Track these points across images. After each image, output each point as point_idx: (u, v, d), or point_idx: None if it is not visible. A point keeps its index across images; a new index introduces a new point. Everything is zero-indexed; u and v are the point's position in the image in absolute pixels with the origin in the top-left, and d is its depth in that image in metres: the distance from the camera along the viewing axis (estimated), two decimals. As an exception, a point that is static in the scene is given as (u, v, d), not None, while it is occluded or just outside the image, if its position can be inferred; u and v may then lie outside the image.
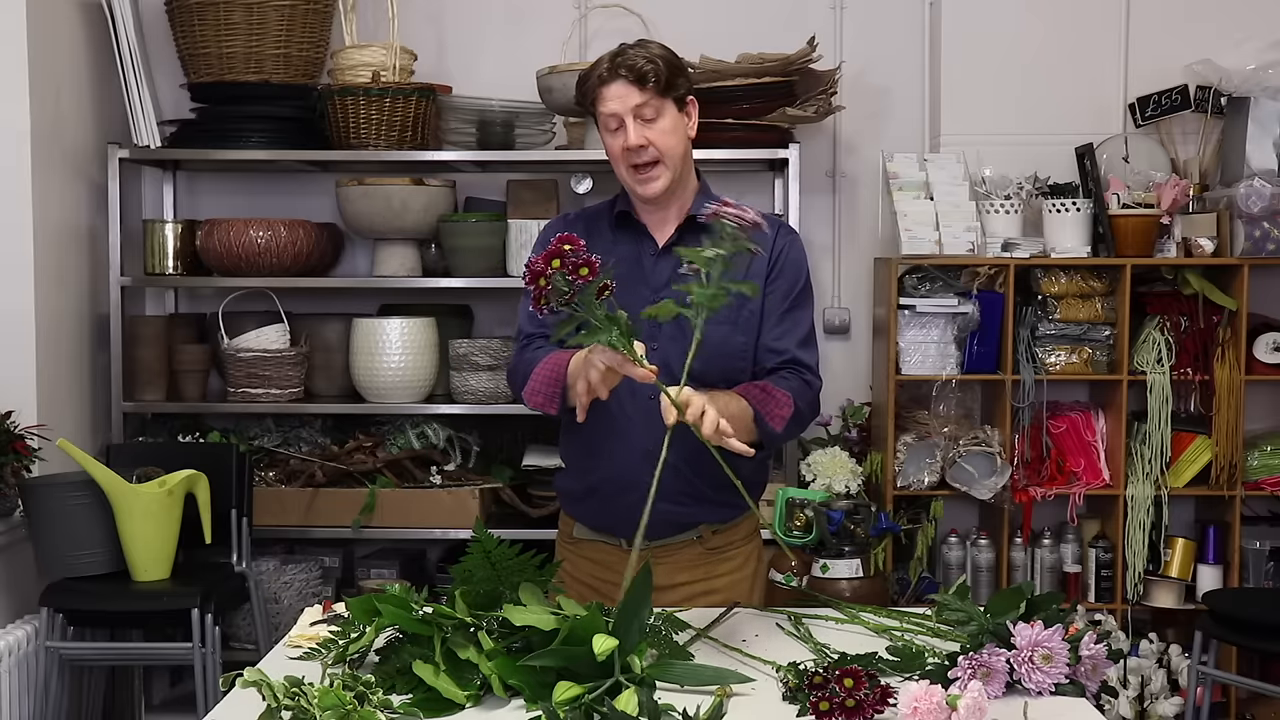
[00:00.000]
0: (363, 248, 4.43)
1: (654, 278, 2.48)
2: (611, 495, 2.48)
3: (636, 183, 2.44)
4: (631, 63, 2.39)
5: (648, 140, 2.40)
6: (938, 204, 4.06)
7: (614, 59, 2.41)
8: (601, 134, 2.48)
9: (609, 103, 2.40)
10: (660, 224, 2.51)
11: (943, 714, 1.76)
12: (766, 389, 2.40)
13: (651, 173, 2.42)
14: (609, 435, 2.45)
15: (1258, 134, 4.01)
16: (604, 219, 2.57)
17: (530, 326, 2.52)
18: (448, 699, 1.90)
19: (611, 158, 2.46)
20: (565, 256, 2.00)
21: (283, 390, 4.10)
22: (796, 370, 2.47)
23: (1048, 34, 4.24)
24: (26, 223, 3.74)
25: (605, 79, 2.40)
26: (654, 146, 2.41)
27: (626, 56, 2.40)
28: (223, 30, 4.03)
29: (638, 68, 2.38)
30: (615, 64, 2.40)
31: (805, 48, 4.03)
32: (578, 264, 2.01)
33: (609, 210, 2.57)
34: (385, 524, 4.07)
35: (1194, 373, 4.02)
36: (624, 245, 2.51)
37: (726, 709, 1.86)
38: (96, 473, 3.52)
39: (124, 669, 4.10)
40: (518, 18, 4.42)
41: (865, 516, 2.58)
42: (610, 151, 2.45)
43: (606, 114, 2.42)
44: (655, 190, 2.44)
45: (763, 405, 2.37)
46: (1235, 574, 4.05)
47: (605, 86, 2.40)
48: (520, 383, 2.44)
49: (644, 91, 2.39)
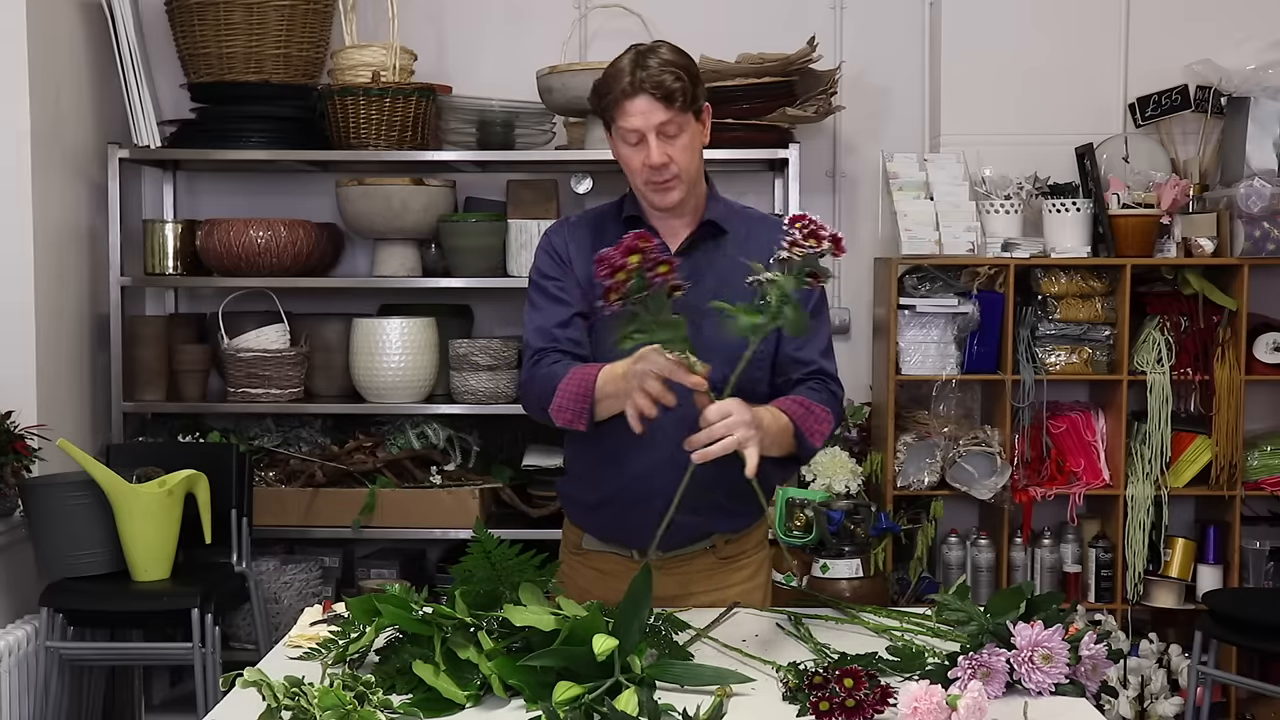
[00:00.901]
0: (363, 248, 4.43)
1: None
2: (629, 505, 2.42)
3: (653, 193, 2.38)
4: (658, 79, 2.29)
5: (669, 158, 2.33)
6: (938, 204, 4.07)
7: (636, 70, 2.31)
8: (617, 143, 2.39)
9: (631, 118, 2.32)
10: (672, 229, 2.44)
11: (943, 714, 1.75)
12: (807, 405, 2.33)
13: (669, 184, 2.36)
14: (631, 445, 2.33)
15: (1258, 134, 4.01)
16: (611, 221, 2.48)
17: (540, 341, 2.42)
18: (448, 699, 1.90)
19: (628, 169, 2.39)
20: (645, 252, 1.96)
21: (283, 390, 4.10)
22: (823, 381, 2.42)
23: (1048, 34, 4.24)
24: (26, 223, 3.74)
25: (630, 93, 2.31)
26: (674, 164, 2.34)
27: (650, 70, 2.30)
28: (223, 30, 4.03)
29: (665, 85, 2.29)
30: (640, 78, 2.30)
31: (805, 48, 4.03)
32: (656, 261, 1.97)
33: (616, 213, 2.49)
34: (385, 524, 4.07)
35: (1194, 373, 4.02)
36: None
37: (726, 709, 1.86)
38: (96, 473, 3.52)
39: (124, 669, 4.10)
40: (518, 18, 4.42)
41: (865, 516, 2.58)
42: (627, 163, 2.38)
43: (627, 129, 2.33)
44: (672, 201, 2.38)
45: (804, 421, 2.31)
46: (1235, 574, 4.06)
47: (630, 100, 2.31)
48: (539, 398, 2.35)
49: (669, 110, 2.30)
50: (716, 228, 2.44)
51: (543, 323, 2.44)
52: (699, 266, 2.38)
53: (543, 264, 2.49)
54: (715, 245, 2.44)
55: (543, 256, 2.49)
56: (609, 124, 2.40)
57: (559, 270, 2.46)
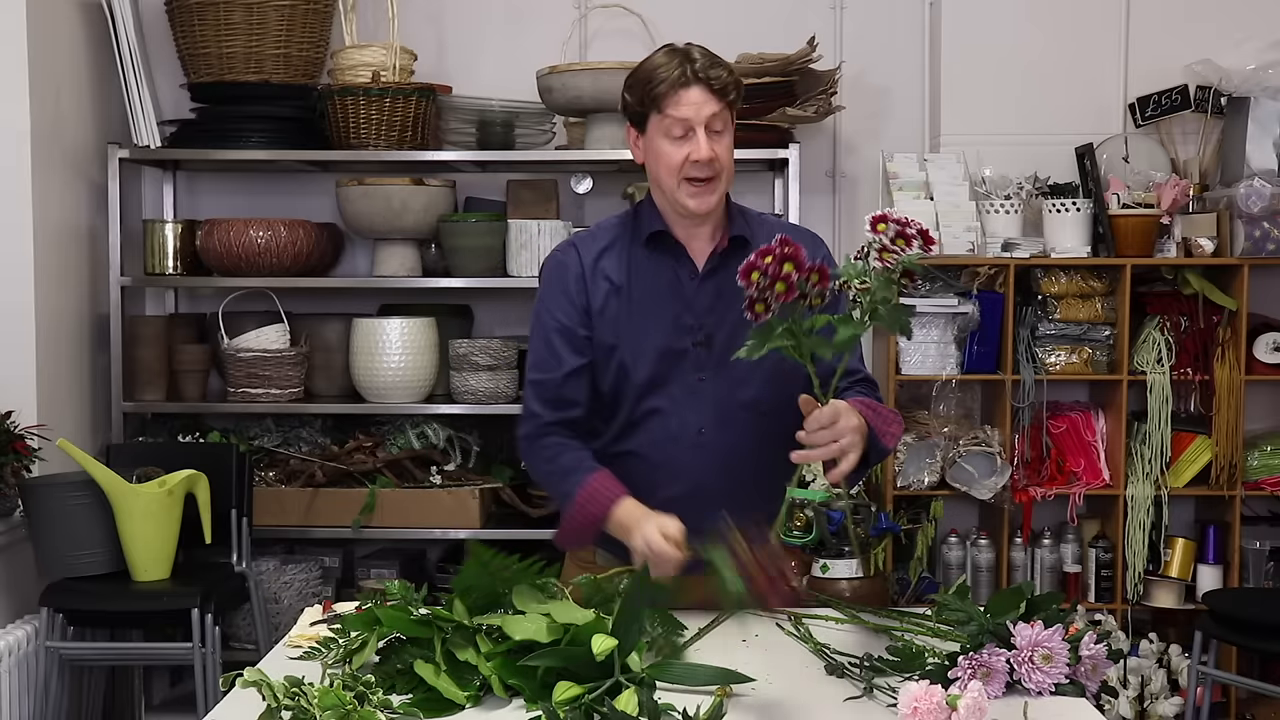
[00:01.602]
0: (363, 248, 4.43)
1: (696, 303, 2.33)
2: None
3: (690, 196, 2.27)
4: (714, 72, 2.23)
5: (715, 154, 2.25)
6: (938, 204, 4.07)
7: (686, 62, 2.24)
8: (656, 140, 2.28)
9: (684, 107, 2.23)
10: (696, 243, 2.35)
11: (943, 714, 1.75)
12: (875, 407, 2.24)
13: (708, 187, 2.27)
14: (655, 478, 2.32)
15: (1258, 134, 4.01)
16: (629, 235, 2.37)
17: (541, 406, 2.33)
18: (448, 699, 1.90)
19: (665, 167, 2.27)
20: (800, 262, 1.89)
21: (283, 390, 4.10)
22: (869, 387, 2.36)
23: (1048, 34, 4.24)
24: (26, 223, 3.74)
25: (685, 82, 2.22)
26: (718, 161, 2.26)
27: (702, 64, 2.24)
28: (223, 30, 4.03)
29: (721, 78, 2.24)
30: (694, 69, 2.23)
31: (805, 48, 4.03)
32: (811, 269, 1.91)
33: (633, 227, 2.38)
34: (385, 524, 4.07)
35: (1194, 373, 4.02)
36: (659, 267, 2.35)
37: (726, 709, 1.86)
38: (96, 473, 3.52)
39: (124, 669, 4.10)
40: (518, 18, 4.42)
41: (865, 516, 2.58)
42: (667, 159, 2.27)
43: (677, 118, 2.23)
44: (709, 205, 2.28)
45: (876, 423, 2.21)
46: (1235, 574, 4.05)
47: (684, 90, 2.23)
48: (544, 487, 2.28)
49: (721, 103, 2.24)
50: (743, 242, 2.33)
51: (548, 377, 2.34)
52: (729, 285, 2.21)
53: (556, 306, 2.35)
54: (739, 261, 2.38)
55: (558, 297, 2.35)
56: (645, 120, 2.29)
57: (574, 317, 2.34)
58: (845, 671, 2.03)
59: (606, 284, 2.34)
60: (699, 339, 2.32)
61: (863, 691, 1.96)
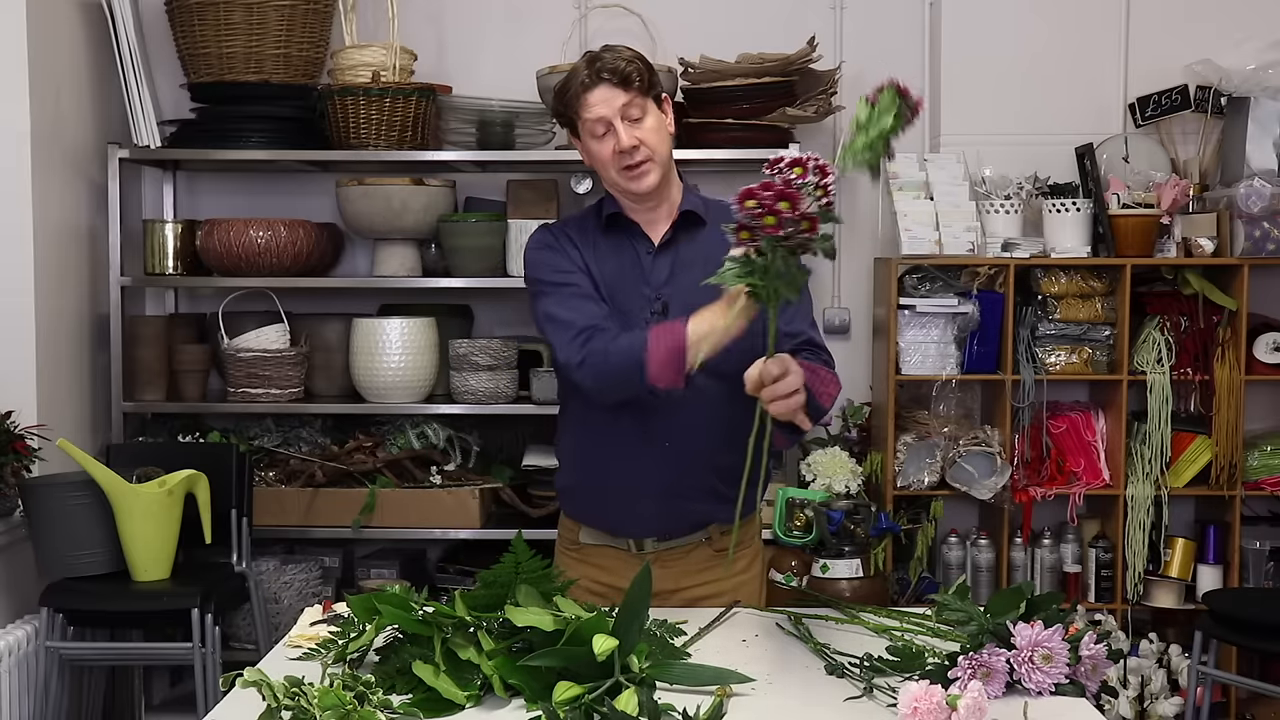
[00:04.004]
0: (363, 248, 4.43)
1: (654, 276, 2.47)
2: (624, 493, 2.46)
3: (628, 180, 2.42)
4: (612, 66, 2.38)
5: (638, 140, 2.40)
6: (938, 204, 4.07)
7: (590, 64, 2.40)
8: (586, 141, 2.45)
9: (595, 108, 2.39)
10: (652, 224, 2.51)
11: (943, 714, 1.76)
12: (812, 368, 2.30)
13: (642, 168, 2.41)
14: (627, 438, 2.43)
15: (1258, 134, 4.01)
16: (592, 222, 2.54)
17: (585, 319, 2.40)
18: (448, 699, 1.90)
19: (599, 164, 2.44)
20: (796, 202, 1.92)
21: (283, 390, 4.10)
22: (815, 351, 2.45)
23: (1048, 34, 4.24)
24: (26, 223, 3.74)
25: (588, 84, 2.39)
26: (644, 145, 2.40)
27: (604, 61, 2.40)
28: (223, 30, 4.03)
29: (620, 69, 2.38)
30: (595, 69, 2.39)
31: (805, 48, 4.03)
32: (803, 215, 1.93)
33: (596, 215, 2.54)
34: (385, 524, 4.07)
35: (1194, 373, 4.02)
36: (619, 246, 2.50)
37: (726, 709, 1.86)
38: (96, 473, 3.52)
39: (124, 669, 4.10)
40: (518, 18, 4.42)
41: (865, 516, 2.58)
42: (598, 158, 2.43)
43: (593, 119, 2.40)
44: (648, 185, 2.43)
45: (813, 383, 2.26)
46: (1235, 574, 4.06)
47: (589, 92, 2.39)
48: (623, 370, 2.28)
49: (628, 92, 2.39)
50: (695, 218, 2.49)
51: (576, 308, 2.42)
52: (683, 257, 2.45)
53: (551, 261, 2.49)
54: (694, 236, 2.49)
55: (547, 254, 2.50)
56: (575, 126, 2.46)
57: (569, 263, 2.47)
58: (845, 671, 2.04)
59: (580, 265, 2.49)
60: (656, 309, 2.43)
61: (863, 691, 1.96)
